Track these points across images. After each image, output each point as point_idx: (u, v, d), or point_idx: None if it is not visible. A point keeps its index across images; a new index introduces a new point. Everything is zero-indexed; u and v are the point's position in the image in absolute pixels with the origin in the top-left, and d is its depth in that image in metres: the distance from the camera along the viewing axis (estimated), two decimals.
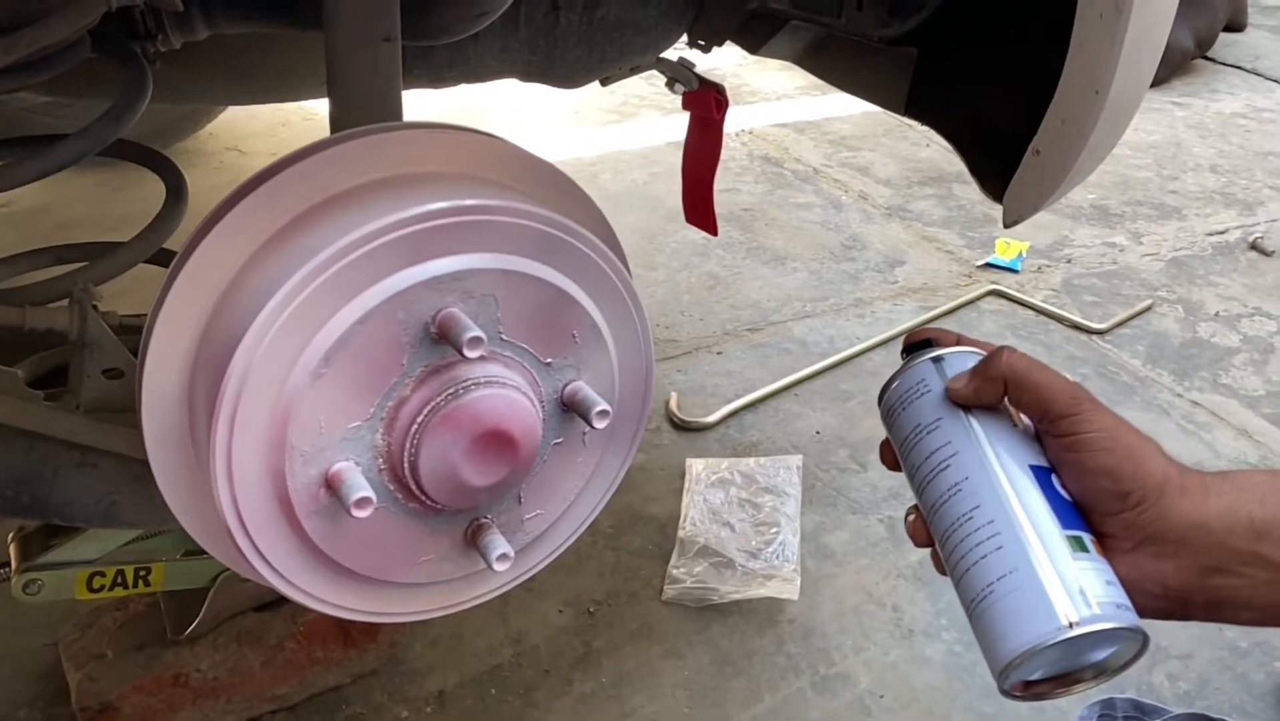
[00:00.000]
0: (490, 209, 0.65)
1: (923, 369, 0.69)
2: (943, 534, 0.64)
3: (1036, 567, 0.59)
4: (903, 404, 0.69)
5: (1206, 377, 1.94)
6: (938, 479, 0.64)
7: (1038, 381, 0.62)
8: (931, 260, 2.40)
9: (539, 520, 0.78)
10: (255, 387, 0.61)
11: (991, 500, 0.62)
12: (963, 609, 0.63)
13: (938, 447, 0.65)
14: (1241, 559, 0.56)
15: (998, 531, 0.61)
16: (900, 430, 0.69)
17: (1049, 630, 0.56)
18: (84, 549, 1.06)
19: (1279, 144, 3.22)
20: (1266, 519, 0.56)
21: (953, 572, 0.63)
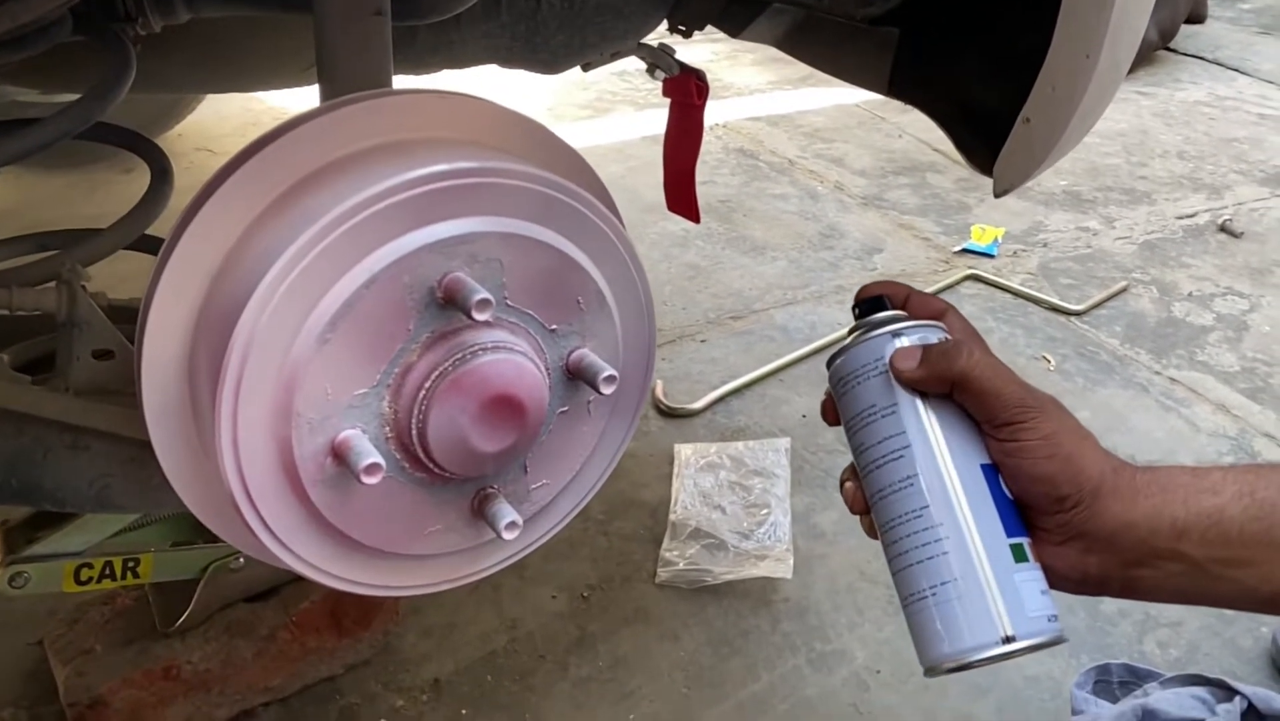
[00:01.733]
0: (495, 171, 0.65)
1: (879, 343, 0.67)
2: (888, 521, 0.65)
3: (980, 578, 0.61)
4: (856, 378, 0.68)
5: (1183, 355, 1.97)
6: (888, 467, 0.65)
7: (983, 389, 0.63)
8: (909, 247, 2.42)
9: (545, 490, 0.77)
10: (260, 355, 0.60)
11: (941, 501, 0.62)
12: (898, 595, 0.65)
13: (890, 435, 0.65)
14: (1161, 555, 0.60)
15: (945, 535, 0.62)
16: (851, 406, 0.68)
17: (987, 642, 0.60)
18: (71, 540, 1.04)
19: (1242, 130, 3.28)
20: (1188, 519, 0.59)
21: (892, 560, 0.65)
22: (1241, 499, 0.59)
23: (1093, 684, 1.13)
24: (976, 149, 1.15)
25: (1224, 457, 1.67)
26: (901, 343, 0.66)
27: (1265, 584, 0.58)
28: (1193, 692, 1.01)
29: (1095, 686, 1.12)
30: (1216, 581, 0.59)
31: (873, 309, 0.70)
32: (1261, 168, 2.96)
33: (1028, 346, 2.00)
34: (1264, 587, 0.58)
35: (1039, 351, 1.98)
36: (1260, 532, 0.58)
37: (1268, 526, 0.58)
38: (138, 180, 1.00)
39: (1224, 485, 0.60)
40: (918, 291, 0.72)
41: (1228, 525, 0.59)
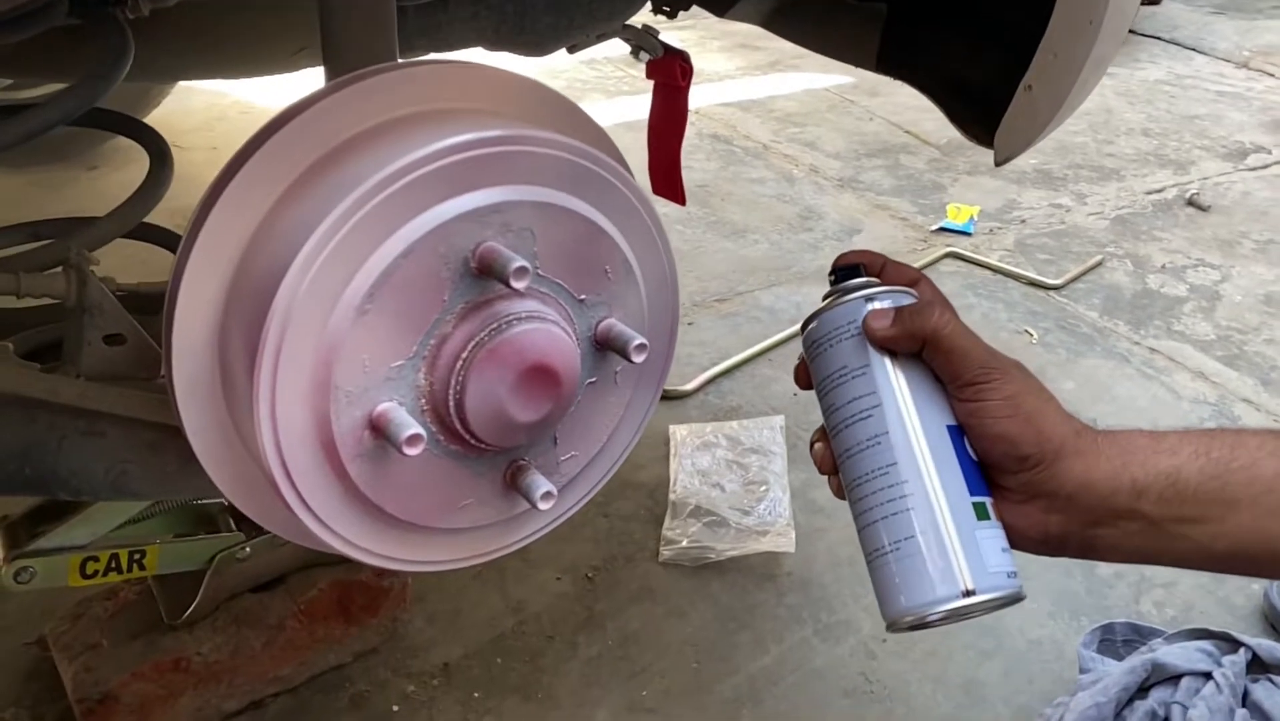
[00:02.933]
0: (529, 139, 0.65)
1: (853, 307, 0.68)
2: (855, 479, 0.66)
3: (943, 533, 0.62)
4: (829, 340, 0.69)
5: (1160, 326, 2.01)
6: (857, 426, 0.66)
7: (951, 347, 0.64)
8: (887, 227, 2.44)
9: (574, 461, 0.77)
10: (298, 327, 0.60)
11: (908, 459, 0.63)
12: (863, 553, 0.65)
13: (861, 395, 0.66)
14: (1120, 514, 0.61)
15: (910, 492, 0.63)
16: (824, 367, 0.69)
17: (948, 594, 0.61)
18: (76, 533, 1.03)
19: (1202, 108, 3.35)
20: (1146, 479, 0.61)
21: (858, 516, 0.65)
22: (1197, 458, 0.61)
23: (1098, 643, 1.15)
24: (971, 120, 1.17)
25: (1206, 423, 1.71)
26: (875, 305, 0.68)
27: (1218, 540, 0.60)
28: (1198, 646, 1.03)
29: (1100, 645, 1.15)
30: (1174, 540, 0.61)
31: (848, 275, 0.72)
32: (1223, 143, 3.02)
33: (1010, 321, 2.03)
34: (1218, 544, 0.60)
35: (1021, 325, 2.01)
36: (1215, 490, 0.60)
37: (1222, 484, 0.60)
38: (101, 179, 0.98)
39: (1181, 446, 0.62)
40: (893, 260, 0.73)
41: (1184, 484, 0.61)
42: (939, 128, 3.14)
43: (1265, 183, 2.72)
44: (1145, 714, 0.97)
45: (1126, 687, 0.99)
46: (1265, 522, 0.59)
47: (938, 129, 3.09)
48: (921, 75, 1.29)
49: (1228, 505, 0.60)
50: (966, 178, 2.74)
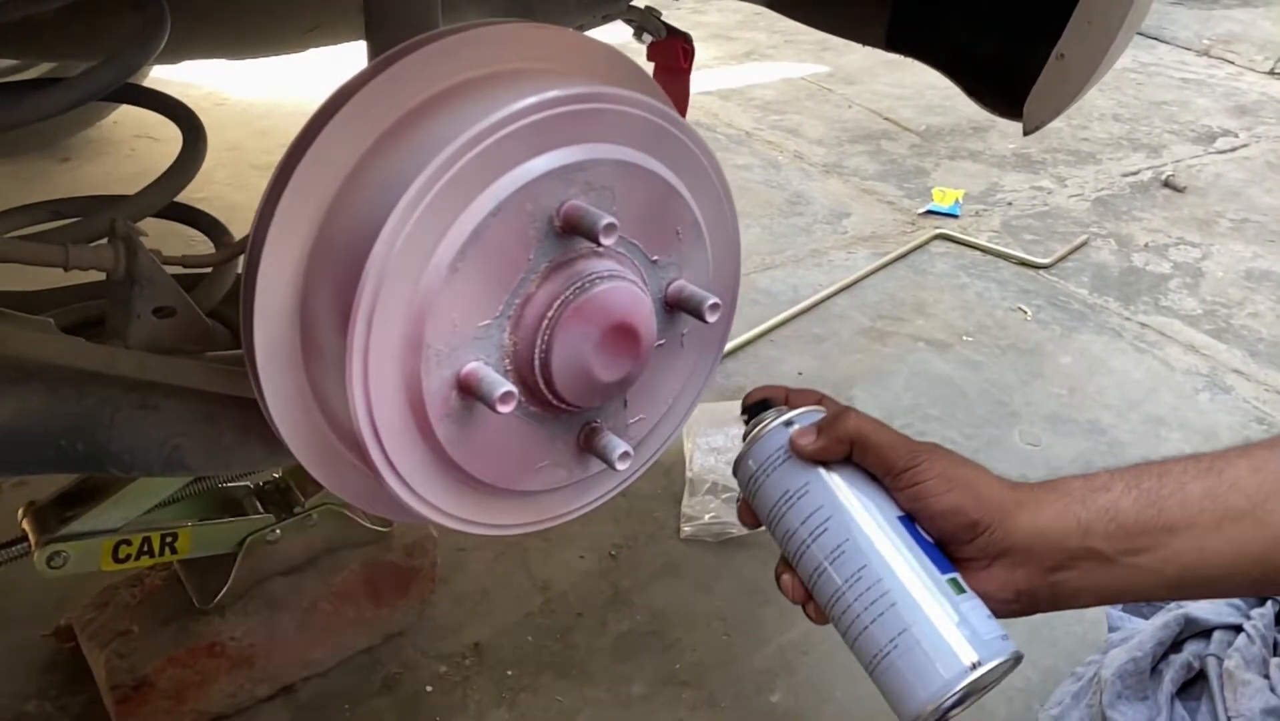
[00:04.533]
0: (611, 97, 0.65)
1: (776, 434, 0.71)
2: (832, 594, 0.66)
3: (932, 618, 0.62)
4: (764, 472, 0.71)
5: (1149, 301, 2.06)
6: (817, 543, 0.66)
7: (878, 442, 0.67)
8: (875, 211, 2.47)
9: (642, 424, 0.77)
10: (393, 285, 0.60)
11: (876, 558, 0.64)
12: (862, 666, 0.65)
13: (811, 512, 0.67)
14: (1075, 555, 0.64)
15: (889, 588, 0.63)
16: (767, 499, 0.70)
17: (957, 673, 0.61)
18: (108, 516, 1.01)
19: (1168, 94, 3.42)
20: (1089, 517, 0.64)
21: (847, 631, 0.65)
22: (1130, 491, 0.65)
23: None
24: (990, 93, 1.18)
25: (1200, 394, 1.75)
26: (796, 426, 0.70)
27: (1168, 565, 0.62)
28: (1227, 600, 1.06)
29: (1125, 605, 1.17)
30: (1129, 571, 0.63)
31: (759, 410, 0.75)
32: (1192, 127, 3.09)
33: (1003, 299, 2.06)
34: (1168, 569, 0.62)
35: (1014, 304, 2.04)
36: (1152, 518, 0.63)
37: (1157, 511, 0.63)
38: (74, 170, 0.96)
39: (1112, 482, 0.65)
40: (793, 389, 0.76)
41: (1123, 516, 0.63)
42: (917, 114, 3.19)
43: (1235, 164, 2.79)
44: (1181, 666, 1.00)
45: (1161, 642, 1.02)
46: (1205, 541, 0.62)
47: (916, 115, 3.14)
48: (935, 52, 1.30)
49: (1167, 531, 0.63)
50: (948, 162, 2.78)
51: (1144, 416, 1.69)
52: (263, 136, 2.92)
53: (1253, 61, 3.74)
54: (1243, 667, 0.96)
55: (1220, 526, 0.62)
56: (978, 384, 1.78)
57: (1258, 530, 0.62)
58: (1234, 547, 0.62)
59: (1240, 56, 3.80)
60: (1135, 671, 1.00)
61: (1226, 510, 0.62)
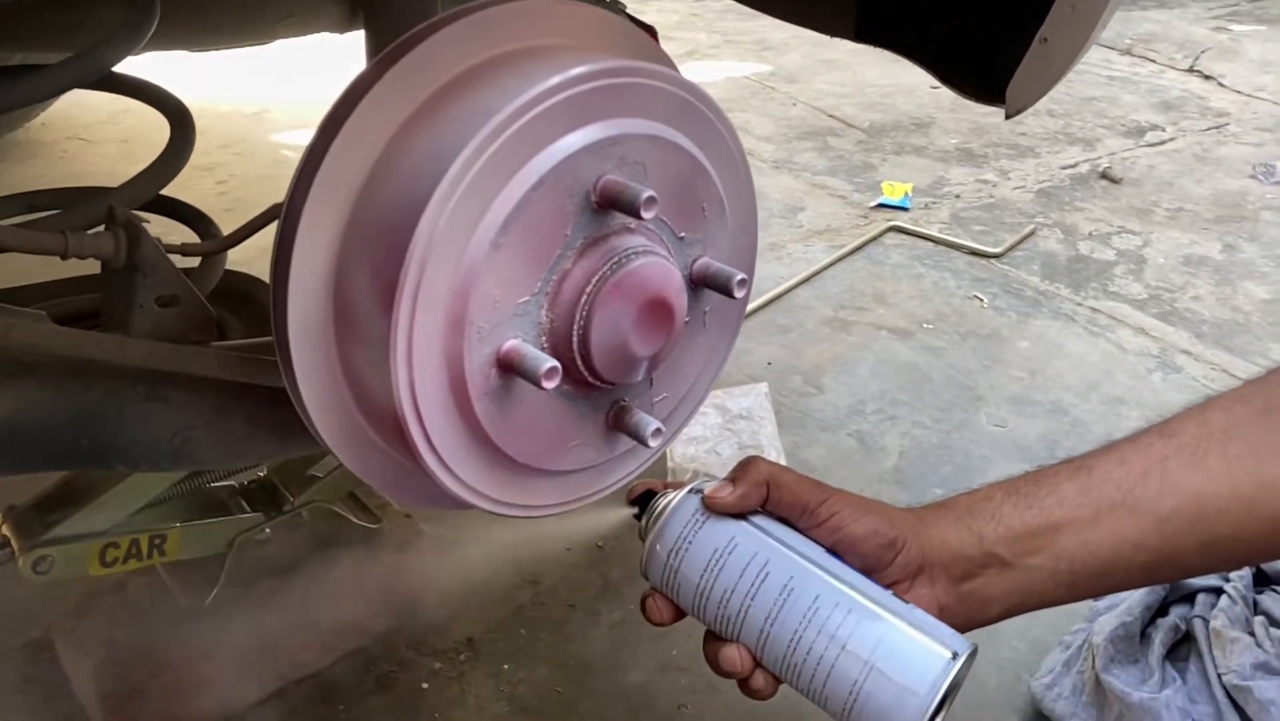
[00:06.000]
0: (642, 71, 0.65)
1: (686, 504, 0.71)
2: (789, 638, 0.64)
3: (898, 627, 0.63)
4: (683, 544, 0.70)
5: (1097, 287, 2.13)
6: (762, 590, 0.66)
7: (791, 480, 0.70)
8: (828, 205, 2.50)
9: (666, 403, 0.78)
10: (438, 260, 0.59)
11: (825, 588, 0.65)
12: (840, 705, 0.63)
13: (748, 561, 0.66)
14: (977, 561, 0.67)
15: (849, 610, 0.64)
16: (693, 568, 0.69)
17: (941, 668, 0.61)
18: (94, 519, 0.98)
19: (1097, 90, 3.54)
20: (980, 525, 0.68)
21: (814, 673, 0.63)
22: (1009, 497, 0.68)
23: None
24: (966, 81, 1.21)
25: (1152, 374, 1.82)
26: (703, 490, 0.71)
27: (1060, 562, 0.66)
28: None
29: None
30: (1026, 573, 0.66)
31: (648, 499, 0.75)
32: (1122, 122, 3.20)
33: (959, 288, 2.11)
34: (1060, 566, 0.66)
35: (970, 292, 2.09)
36: (1034, 518, 0.67)
37: (1037, 511, 0.67)
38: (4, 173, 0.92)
39: (994, 492, 0.69)
40: (671, 481, 0.79)
41: (1009, 520, 0.67)
42: (860, 111, 3.25)
43: (1165, 157, 2.90)
44: (1169, 629, 1.04)
45: (1149, 606, 1.06)
46: (1087, 535, 0.66)
47: (859, 112, 3.19)
48: (906, 41, 1.32)
49: (1052, 529, 0.66)
50: (894, 157, 2.83)
51: (1103, 396, 1.74)
52: (200, 137, 2.86)
53: (1173, 60, 3.89)
54: (1229, 626, 1.00)
55: (1098, 519, 0.66)
56: (941, 369, 1.82)
57: (1132, 517, 0.65)
58: (1114, 537, 0.65)
59: (1161, 55, 3.95)
60: (1126, 636, 1.03)
61: (1100, 502, 0.66)
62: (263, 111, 2.99)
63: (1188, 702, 0.98)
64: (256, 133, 2.84)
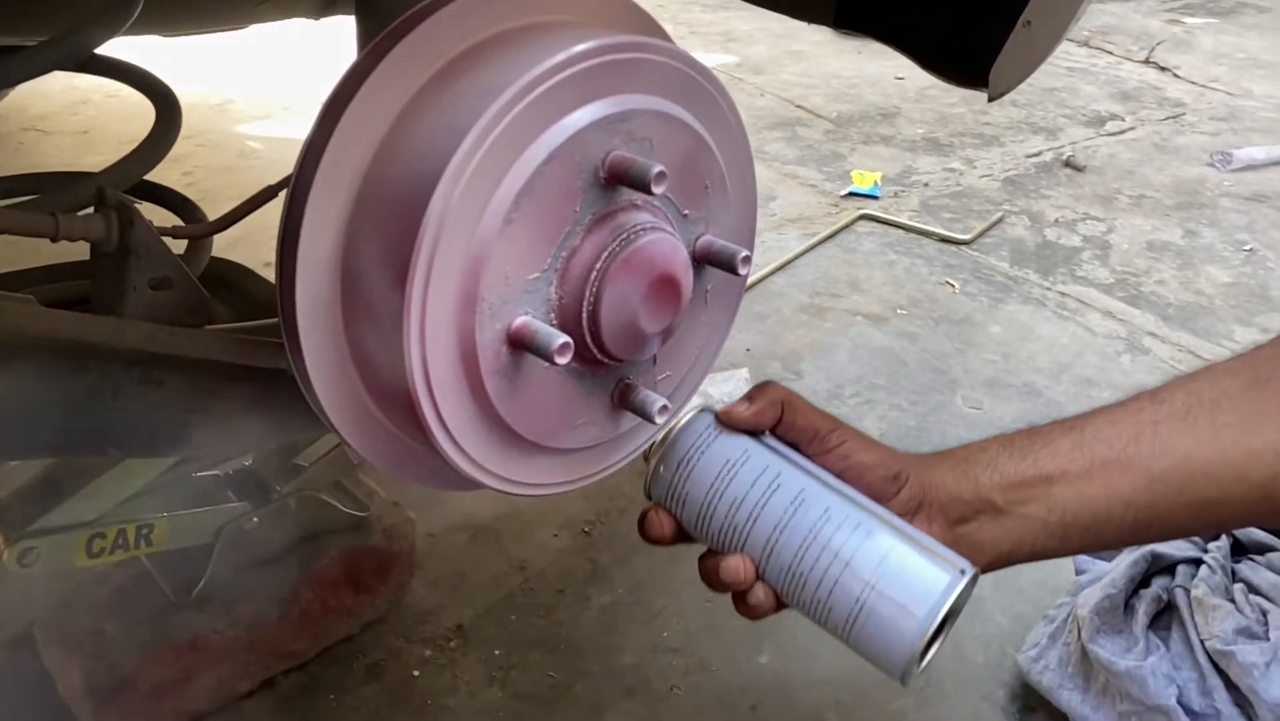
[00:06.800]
0: (651, 48, 0.65)
1: (698, 421, 0.72)
2: (797, 547, 0.64)
3: (908, 541, 0.63)
4: (695, 453, 0.70)
5: (1065, 273, 2.16)
6: (774, 498, 0.65)
7: (805, 405, 0.71)
8: (799, 194, 2.52)
9: (668, 381, 0.78)
10: (450, 236, 0.59)
11: (837, 500, 0.65)
12: (841, 620, 0.62)
13: (760, 472, 0.66)
14: (973, 506, 0.68)
15: (860, 520, 0.64)
16: (701, 479, 0.69)
17: (953, 578, 0.61)
18: (80, 510, 0.96)
19: (1057, 81, 3.59)
20: (977, 472, 0.69)
21: (819, 583, 0.63)
22: (1005, 448, 0.70)
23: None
24: (947, 66, 1.22)
25: (1121, 356, 1.86)
26: (717, 408, 0.71)
27: (1051, 512, 0.67)
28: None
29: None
30: (1019, 521, 0.67)
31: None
32: (1082, 112, 3.26)
33: (931, 274, 2.14)
34: (1051, 517, 0.67)
35: (942, 278, 2.12)
36: (1029, 468, 0.68)
37: (1032, 462, 0.68)
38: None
39: (989, 444, 0.71)
40: None
41: (1004, 468, 0.68)
42: (827, 101, 3.27)
43: (1125, 145, 2.95)
44: (1152, 599, 1.06)
45: (1132, 578, 1.08)
46: (1080, 488, 0.67)
47: (826, 103, 3.22)
48: (887, 27, 1.33)
49: (1046, 480, 0.67)
50: (863, 147, 2.86)
51: (1074, 378, 1.78)
52: None
53: (1129, 51, 3.96)
54: (1210, 594, 1.03)
55: (1091, 473, 0.67)
56: (916, 354, 1.85)
57: (1124, 474, 0.66)
58: (1106, 491, 0.66)
59: (1118, 47, 4.02)
60: (1111, 607, 1.06)
61: (1093, 458, 0.67)
62: (226, 103, 2.94)
63: (1172, 669, 1.00)
64: (221, 124, 2.80)
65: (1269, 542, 1.12)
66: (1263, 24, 4.30)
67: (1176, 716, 0.98)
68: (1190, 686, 1.00)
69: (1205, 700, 0.99)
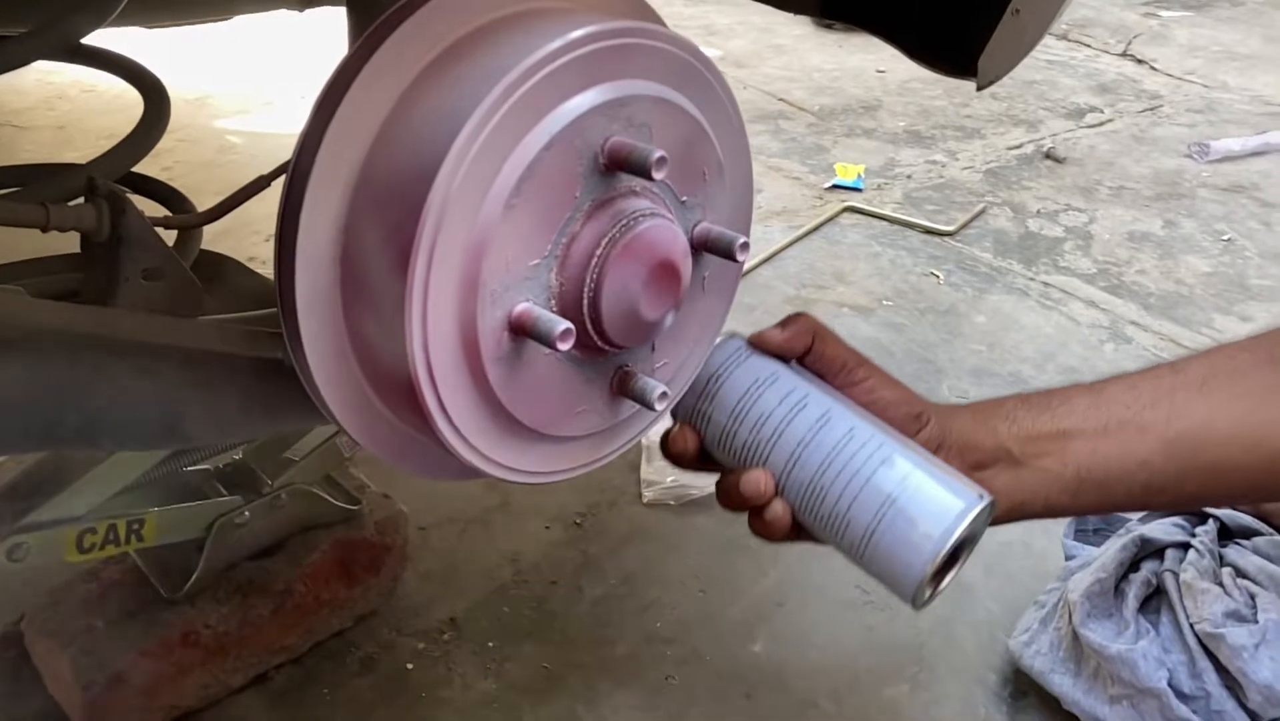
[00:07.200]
0: (649, 33, 0.65)
1: (728, 345, 0.73)
2: (820, 463, 0.65)
3: (930, 464, 0.64)
4: (725, 373, 0.71)
5: (1048, 263, 2.18)
6: (799, 418, 0.66)
7: (835, 337, 0.72)
8: (784, 187, 2.53)
9: (666, 369, 0.78)
10: (452, 221, 0.59)
11: (862, 423, 0.66)
12: (855, 536, 0.63)
13: (788, 393, 0.68)
14: (990, 453, 0.69)
15: (883, 443, 0.64)
16: (729, 396, 0.70)
17: (971, 501, 0.62)
18: (71, 504, 0.95)
19: (1037, 75, 3.61)
20: (996, 423, 0.70)
21: (838, 500, 0.63)
22: (1023, 404, 0.71)
23: (1074, 533, 1.25)
24: (934, 54, 1.23)
25: (1105, 345, 1.87)
26: (742, 337, 0.73)
27: (1066, 466, 0.68)
28: (1172, 521, 1.14)
29: (1075, 535, 1.25)
30: (1034, 474, 0.68)
31: None
32: (1062, 104, 3.28)
33: (915, 265, 2.15)
34: (1066, 471, 0.68)
35: (926, 269, 2.13)
36: (1046, 423, 0.69)
37: (1050, 418, 0.70)
38: None
39: (1006, 400, 0.73)
40: None
41: (1023, 420, 0.70)
42: (809, 95, 3.28)
43: (1105, 137, 2.97)
44: (1141, 583, 1.07)
45: (1121, 563, 1.09)
46: (1096, 445, 0.68)
47: (808, 96, 3.22)
48: (874, 17, 1.34)
49: (1063, 435, 0.69)
50: (845, 139, 2.87)
51: (1059, 367, 1.79)
52: None
53: (1107, 44, 3.99)
54: (1198, 578, 1.04)
55: (1107, 431, 0.68)
56: (903, 344, 1.86)
57: (1140, 435, 0.68)
58: (1121, 451, 0.68)
59: (1095, 40, 4.05)
60: (1101, 591, 1.07)
61: (1110, 418, 0.69)
62: (204, 98, 2.92)
63: (1162, 652, 1.02)
64: (200, 119, 2.77)
65: (1255, 527, 1.13)
66: (1236, 17, 4.35)
67: (1167, 699, 0.99)
68: (1180, 669, 1.01)
69: (1195, 682, 1.00)
